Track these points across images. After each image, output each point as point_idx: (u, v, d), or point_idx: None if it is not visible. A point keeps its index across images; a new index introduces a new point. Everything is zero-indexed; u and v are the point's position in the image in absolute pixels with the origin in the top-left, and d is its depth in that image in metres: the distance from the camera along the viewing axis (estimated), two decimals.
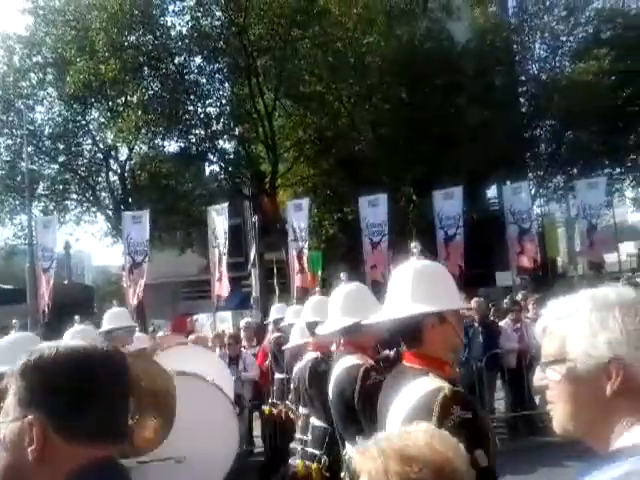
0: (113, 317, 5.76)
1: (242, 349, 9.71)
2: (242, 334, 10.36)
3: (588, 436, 1.18)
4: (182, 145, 22.18)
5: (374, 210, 16.73)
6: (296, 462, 4.15)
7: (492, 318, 11.21)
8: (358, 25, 21.43)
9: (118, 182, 23.35)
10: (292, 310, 6.62)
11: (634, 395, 1.11)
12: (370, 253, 16.72)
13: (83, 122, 22.87)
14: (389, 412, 2.16)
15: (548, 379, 1.21)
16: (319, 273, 16.17)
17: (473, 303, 10.10)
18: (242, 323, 10.91)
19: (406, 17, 22.31)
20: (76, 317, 5.61)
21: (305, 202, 16.35)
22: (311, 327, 4.48)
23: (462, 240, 16.59)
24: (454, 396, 1.93)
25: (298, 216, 15.94)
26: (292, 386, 5.35)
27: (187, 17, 21.86)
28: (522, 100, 25.25)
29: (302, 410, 5.05)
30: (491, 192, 25.59)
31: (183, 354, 4.20)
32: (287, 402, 6.50)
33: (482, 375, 9.58)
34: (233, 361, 9.15)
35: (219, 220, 14.74)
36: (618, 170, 25.63)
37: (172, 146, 23.03)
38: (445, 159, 20.19)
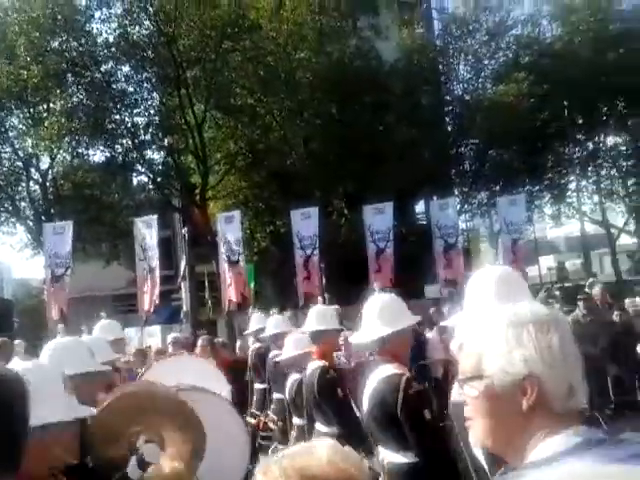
0: (104, 329, 5.54)
1: None
2: (170, 349, 10.06)
3: (505, 450, 1.21)
4: (108, 155, 21.53)
5: (306, 223, 16.78)
6: None
7: (421, 330, 11.40)
8: (289, 40, 21.60)
9: (39, 192, 22.32)
10: (273, 320, 6.69)
11: (547, 410, 1.14)
12: (302, 266, 16.76)
13: (2, 129, 21.78)
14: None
15: (465, 395, 1.23)
16: (251, 286, 15.99)
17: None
18: (169, 338, 10.56)
19: (336, 35, 22.70)
20: (102, 313, 5.75)
21: (236, 214, 16.22)
22: (315, 336, 4.68)
23: (392, 254, 16.90)
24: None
25: (229, 228, 15.79)
26: (287, 396, 5.40)
27: (114, 25, 21.33)
28: (447, 119, 26.15)
29: (297, 421, 5.20)
30: (419, 207, 26.27)
31: (179, 364, 4.01)
32: (268, 412, 6.43)
33: None
34: None
35: (149, 233, 14.34)
36: (537, 188, 26.94)
37: (97, 155, 22.33)
38: (375, 175, 20.57)
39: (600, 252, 27.69)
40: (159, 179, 21.94)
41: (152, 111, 22.20)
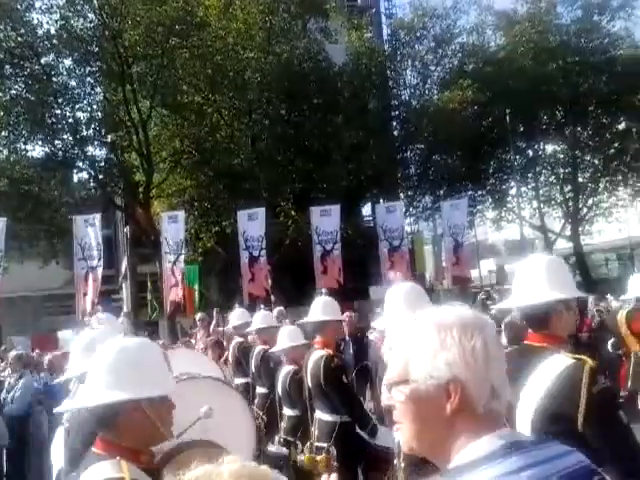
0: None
1: None
2: None
3: (431, 454, 1.23)
4: (48, 150, 20.79)
5: (252, 224, 16.69)
6: (301, 457, 4.43)
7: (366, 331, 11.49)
8: (238, 39, 21.42)
9: None
10: (260, 315, 6.92)
11: (470, 414, 1.16)
12: (247, 267, 16.64)
13: None
14: (525, 386, 2.36)
15: (394, 399, 1.24)
16: (196, 286, 15.76)
17: (345, 317, 10.34)
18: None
19: (286, 36, 22.65)
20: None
21: (180, 214, 15.97)
22: (319, 326, 4.88)
23: (339, 255, 16.98)
24: (597, 368, 2.24)
25: (173, 228, 15.52)
26: (280, 388, 5.59)
27: (56, 16, 20.60)
28: (394, 124, 26.51)
29: (289, 412, 5.49)
30: (366, 210, 26.56)
31: (175, 357, 4.00)
32: (253, 407, 6.48)
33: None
34: None
35: (91, 231, 13.94)
36: (480, 193, 27.66)
37: (36, 151, 21.53)
38: (322, 176, 20.62)
39: None
40: (101, 176, 21.34)
41: (95, 106, 21.65)
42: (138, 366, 1.93)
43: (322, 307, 5.03)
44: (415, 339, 1.22)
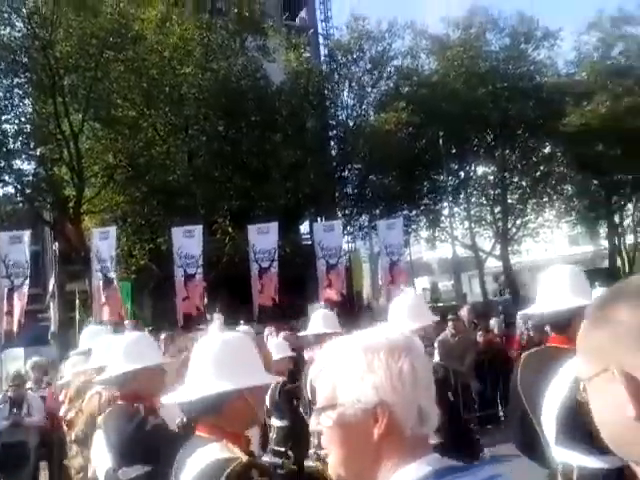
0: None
1: (29, 391, 8.74)
2: (30, 374, 9.37)
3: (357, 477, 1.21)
4: None
5: (189, 241, 16.43)
6: (314, 464, 4.47)
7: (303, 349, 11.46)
8: (175, 54, 21.20)
9: None
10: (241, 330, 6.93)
11: (397, 439, 1.15)
12: (183, 285, 16.32)
13: None
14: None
15: (321, 425, 1.21)
16: (128, 305, 15.29)
17: (282, 335, 10.29)
18: (29, 362, 9.85)
19: (223, 53, 22.60)
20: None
21: (112, 230, 15.55)
22: (319, 339, 4.94)
23: (276, 273, 16.92)
24: None
25: (104, 245, 15.08)
26: (269, 399, 5.62)
27: None
28: (332, 143, 26.80)
29: (278, 423, 5.68)
30: (304, 228, 26.58)
31: None
32: None
33: None
34: (16, 404, 8.19)
35: (17, 248, 13.32)
36: (414, 212, 28.25)
37: None
38: (261, 194, 20.55)
39: (470, 274, 29.49)
40: (29, 190, 20.48)
41: (23, 118, 20.78)
42: (240, 358, 2.16)
43: (323, 320, 5.13)
44: (343, 362, 1.20)
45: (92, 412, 3.63)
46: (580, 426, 2.36)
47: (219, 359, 2.10)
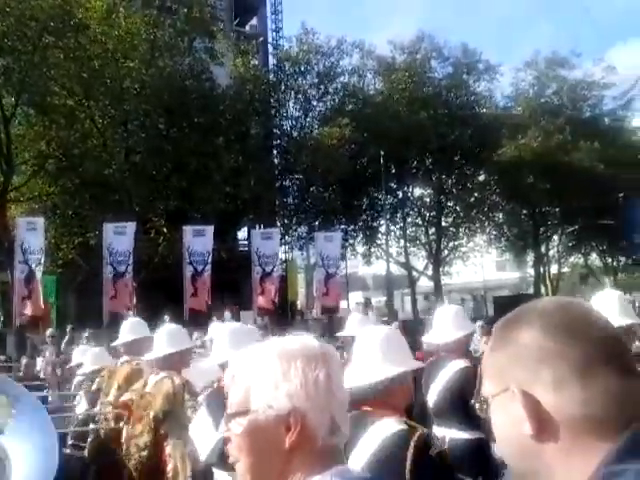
0: (134, 327, 5.31)
1: None
2: None
3: None
4: None
5: (120, 238, 15.89)
6: None
7: None
8: (119, 47, 20.59)
9: None
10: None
11: (308, 448, 1.13)
12: (111, 282, 15.71)
13: None
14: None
15: (231, 432, 1.18)
16: (51, 300, 14.49)
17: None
18: None
19: (170, 50, 22.16)
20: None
21: (40, 221, 14.84)
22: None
23: (209, 277, 16.57)
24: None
25: (30, 236, 14.34)
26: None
27: None
28: (275, 152, 26.70)
29: None
30: (243, 234, 26.25)
31: None
32: None
33: None
34: None
35: None
36: (352, 227, 28.47)
37: None
38: (198, 196, 20.15)
39: (402, 292, 29.95)
40: None
41: None
42: (399, 346, 2.53)
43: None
44: (257, 368, 1.17)
45: (167, 394, 3.91)
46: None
47: (386, 348, 2.44)
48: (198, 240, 16.94)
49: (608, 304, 3.50)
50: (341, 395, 1.18)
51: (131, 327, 5.20)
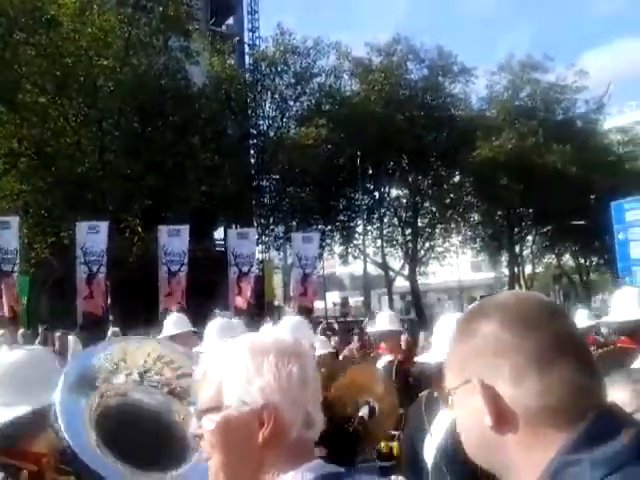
0: (177, 322, 5.36)
1: None
2: None
3: None
4: None
5: (93, 237, 15.68)
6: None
7: None
8: (93, 44, 20.32)
9: None
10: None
11: (282, 443, 1.11)
12: (85, 282, 15.47)
13: None
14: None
15: (203, 429, 1.15)
16: (24, 299, 14.21)
17: None
18: None
19: (145, 49, 21.94)
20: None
21: (14, 221, 14.56)
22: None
23: (185, 277, 16.41)
24: None
25: (3, 235, 14.10)
26: None
27: None
28: (252, 152, 26.59)
29: None
30: (219, 234, 26.06)
31: None
32: None
33: None
34: None
35: None
36: (329, 227, 28.49)
37: None
38: (174, 196, 19.96)
39: (379, 292, 30.07)
40: None
41: None
42: None
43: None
44: (229, 364, 1.15)
45: None
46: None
47: None
48: (174, 240, 16.76)
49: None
50: (315, 389, 1.17)
51: (175, 321, 5.21)
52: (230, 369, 1.14)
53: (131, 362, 1.99)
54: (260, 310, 19.02)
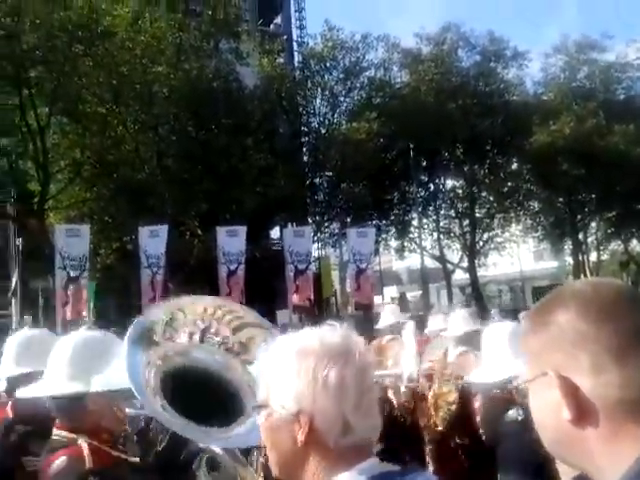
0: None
1: None
2: None
3: None
4: None
5: (154, 241, 16.05)
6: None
7: None
8: (146, 52, 20.82)
9: None
10: None
11: (323, 448, 1.13)
12: (148, 285, 15.88)
13: None
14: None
15: (259, 422, 1.22)
16: (91, 304, 14.73)
17: None
18: None
19: (196, 53, 22.33)
20: None
21: (84, 228, 15.11)
22: None
23: (243, 277, 16.63)
24: None
25: (72, 242, 14.59)
26: None
27: None
28: (304, 150, 26.69)
29: None
30: (275, 233, 26.35)
31: None
32: None
33: None
34: None
35: None
36: (384, 222, 28.32)
37: None
38: (230, 197, 20.27)
39: (437, 285, 29.71)
40: None
41: None
42: None
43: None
44: (276, 365, 1.19)
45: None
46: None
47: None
48: (231, 240, 17.02)
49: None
50: (356, 396, 1.13)
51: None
52: (275, 371, 1.17)
53: (191, 315, 2.07)
54: (318, 307, 19.13)
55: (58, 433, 2.04)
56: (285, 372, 1.15)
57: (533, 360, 0.93)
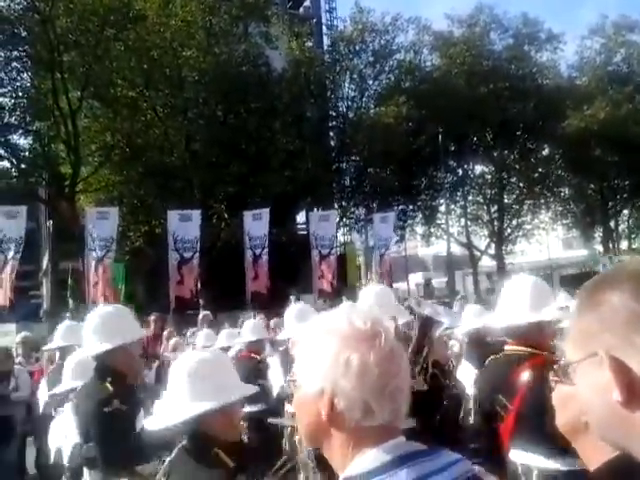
0: (254, 329, 5.88)
1: (17, 366, 8.48)
2: (19, 350, 9.11)
3: (324, 453, 1.22)
4: None
5: (185, 225, 16.23)
6: None
7: None
8: (177, 36, 20.95)
9: None
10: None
11: (343, 429, 1.14)
12: (177, 269, 16.13)
13: None
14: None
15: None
16: (121, 286, 15.08)
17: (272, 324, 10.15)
18: (18, 338, 9.60)
19: (225, 37, 22.36)
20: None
21: (113, 211, 15.35)
22: None
23: (267, 260, 16.76)
24: None
25: (102, 225, 14.86)
26: None
27: None
28: (331, 134, 26.61)
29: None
30: (301, 217, 26.41)
31: None
32: None
33: None
34: (3, 379, 7.93)
35: (12, 223, 13.11)
36: (411, 207, 28.16)
37: None
38: (257, 181, 20.40)
39: (463, 272, 29.50)
40: (24, 166, 20.19)
41: (21, 92, 20.46)
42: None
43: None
44: (307, 343, 1.22)
45: None
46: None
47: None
48: (256, 224, 17.15)
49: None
50: (379, 379, 1.13)
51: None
52: (306, 348, 1.21)
53: None
54: (341, 292, 19.25)
55: None
56: (312, 350, 1.18)
57: (581, 340, 0.90)
